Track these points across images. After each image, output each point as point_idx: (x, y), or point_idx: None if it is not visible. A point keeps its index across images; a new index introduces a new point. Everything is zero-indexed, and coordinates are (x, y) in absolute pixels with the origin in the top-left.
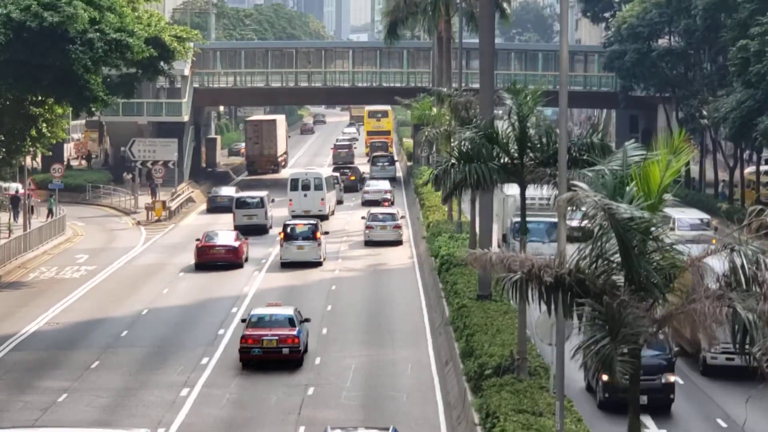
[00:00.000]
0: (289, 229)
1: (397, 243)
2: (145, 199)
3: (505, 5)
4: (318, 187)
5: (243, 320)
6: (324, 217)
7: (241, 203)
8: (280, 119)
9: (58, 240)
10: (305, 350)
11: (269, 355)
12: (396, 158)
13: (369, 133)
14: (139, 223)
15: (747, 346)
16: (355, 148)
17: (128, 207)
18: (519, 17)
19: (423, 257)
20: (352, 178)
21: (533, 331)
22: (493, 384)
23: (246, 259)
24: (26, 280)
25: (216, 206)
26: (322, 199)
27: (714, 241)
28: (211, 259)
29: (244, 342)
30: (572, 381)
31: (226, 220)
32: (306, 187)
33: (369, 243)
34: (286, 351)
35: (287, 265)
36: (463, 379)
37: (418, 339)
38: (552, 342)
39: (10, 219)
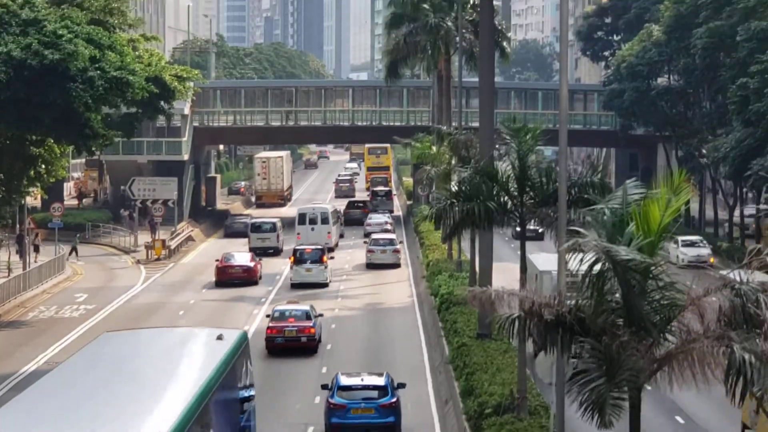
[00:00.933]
0: (298, 254)
1: (396, 266)
2: (144, 237)
3: (504, 44)
4: (324, 221)
5: (267, 315)
6: (330, 249)
7: (256, 228)
8: (286, 156)
9: (58, 279)
10: (319, 340)
11: (290, 343)
12: (395, 193)
13: (369, 168)
14: (138, 261)
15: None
16: (356, 182)
17: (128, 246)
18: (519, 56)
19: (423, 296)
20: (366, 211)
21: (533, 370)
22: (494, 423)
23: (260, 278)
24: (25, 319)
25: (233, 231)
26: (329, 233)
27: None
28: (229, 278)
29: (269, 333)
30: None
31: (237, 245)
32: (313, 222)
33: (370, 265)
34: (304, 339)
35: (297, 286)
36: (463, 418)
37: (418, 378)
38: (552, 381)
39: (9, 258)
